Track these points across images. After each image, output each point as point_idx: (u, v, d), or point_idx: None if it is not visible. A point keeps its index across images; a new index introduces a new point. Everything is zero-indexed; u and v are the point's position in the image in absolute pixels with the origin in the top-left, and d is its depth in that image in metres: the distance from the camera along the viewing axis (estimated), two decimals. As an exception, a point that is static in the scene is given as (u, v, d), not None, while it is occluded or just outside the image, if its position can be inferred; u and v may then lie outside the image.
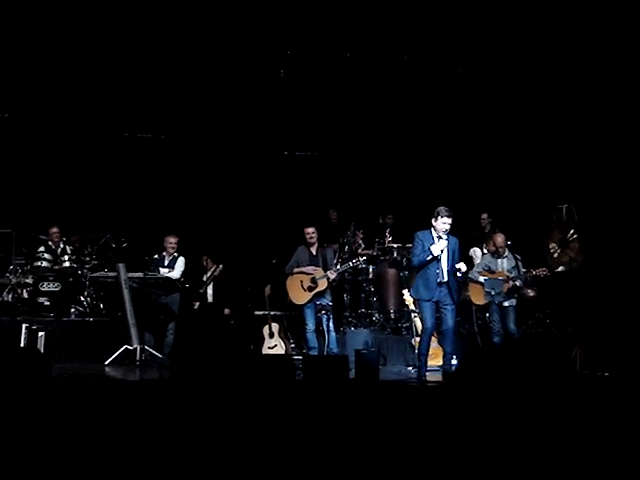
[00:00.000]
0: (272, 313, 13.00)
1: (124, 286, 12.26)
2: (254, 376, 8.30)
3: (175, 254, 12.98)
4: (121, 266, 12.40)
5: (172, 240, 12.97)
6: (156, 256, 12.99)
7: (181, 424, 6.70)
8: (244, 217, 15.29)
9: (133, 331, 12.13)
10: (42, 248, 13.72)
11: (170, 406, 7.14)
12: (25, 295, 13.31)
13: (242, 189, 15.48)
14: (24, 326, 12.01)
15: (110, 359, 11.97)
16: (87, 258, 13.67)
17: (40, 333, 11.99)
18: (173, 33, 13.72)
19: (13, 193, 14.86)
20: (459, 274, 10.88)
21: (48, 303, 13.10)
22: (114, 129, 15.48)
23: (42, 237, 13.82)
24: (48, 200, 14.96)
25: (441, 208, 10.63)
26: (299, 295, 12.14)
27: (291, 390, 8.02)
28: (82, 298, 13.47)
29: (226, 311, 13.56)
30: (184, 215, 14.91)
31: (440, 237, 10.58)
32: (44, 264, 13.51)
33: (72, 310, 13.33)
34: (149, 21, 13.51)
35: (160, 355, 12.21)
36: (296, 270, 12.19)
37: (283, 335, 12.90)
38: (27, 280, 13.37)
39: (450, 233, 10.65)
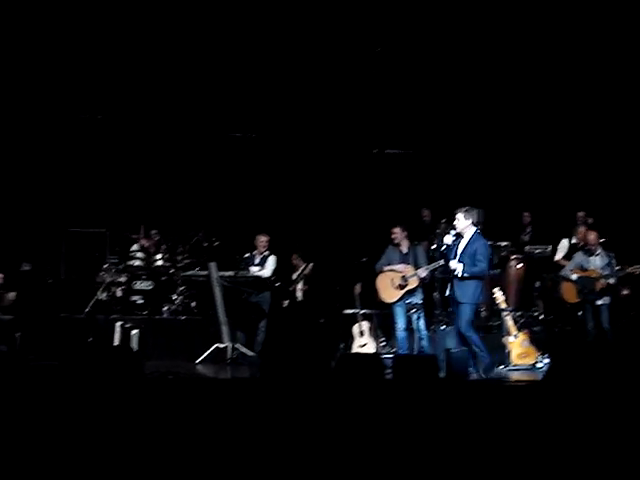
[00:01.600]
0: (362, 312, 12.94)
1: (215, 285, 12.36)
2: (344, 375, 8.28)
3: (266, 252, 13.02)
4: (212, 265, 12.50)
5: (263, 239, 13.01)
6: (247, 255, 13.05)
7: (271, 422, 6.72)
8: (335, 216, 15.28)
9: (224, 329, 12.22)
10: (135, 247, 13.93)
11: (260, 404, 7.17)
12: (119, 293, 13.49)
13: (333, 187, 15.47)
14: (118, 324, 12.24)
15: (201, 357, 12.07)
16: (179, 257, 13.79)
17: (133, 331, 12.20)
18: (260, 30, 13.78)
19: (107, 193, 15.12)
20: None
21: (141, 301, 13.29)
22: (205, 128, 15.61)
23: (135, 236, 14.03)
24: (141, 200, 15.17)
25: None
26: (389, 293, 12.08)
27: (381, 389, 7.99)
28: (174, 297, 13.59)
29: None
30: (275, 214, 14.97)
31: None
32: (137, 263, 13.72)
33: (164, 308, 13.48)
34: (237, 19, 13.60)
35: (251, 353, 12.26)
36: (386, 268, 12.13)
37: (373, 334, 12.84)
38: (121, 279, 13.55)
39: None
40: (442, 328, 13.25)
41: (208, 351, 12.13)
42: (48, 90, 14.78)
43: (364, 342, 12.66)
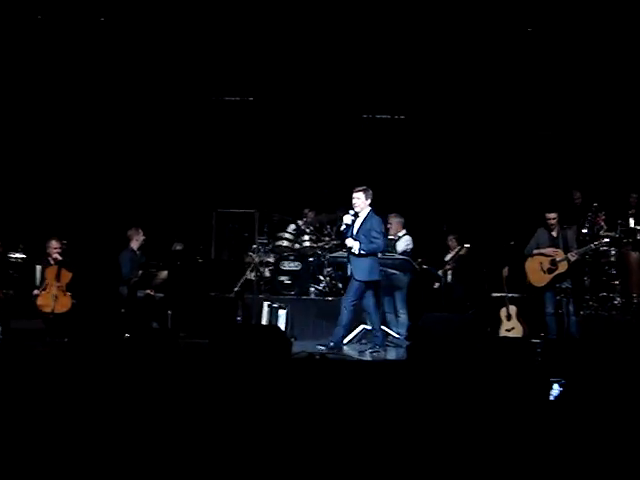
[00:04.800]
0: (510, 295, 12.77)
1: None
2: (491, 359, 8.21)
3: (400, 233, 13.03)
4: (358, 246, 12.53)
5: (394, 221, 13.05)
6: (400, 234, 13.05)
7: (417, 405, 6.70)
8: (486, 198, 15.16)
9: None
10: (292, 227, 14.13)
11: (407, 387, 7.16)
12: (267, 274, 13.68)
13: (489, 170, 15.34)
14: (266, 304, 12.42)
15: (348, 338, 12.13)
16: (326, 238, 13.88)
17: (281, 311, 12.36)
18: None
19: (257, 174, 15.33)
20: None
21: (289, 282, 13.45)
22: (348, 112, 15.68)
23: (287, 217, 14.20)
24: (290, 181, 15.34)
25: None
26: (538, 277, 11.91)
27: (529, 373, 7.89)
28: (321, 278, 13.71)
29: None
30: (427, 193, 14.99)
31: None
32: (285, 244, 13.87)
33: (311, 289, 13.60)
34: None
35: (397, 335, 12.27)
36: (536, 252, 11.96)
37: (521, 318, 12.67)
38: (269, 259, 13.74)
39: None
40: (592, 313, 12.97)
41: (354, 332, 12.17)
42: (199, 71, 15.06)
43: (511, 326, 12.49)
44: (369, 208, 11.28)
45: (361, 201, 11.23)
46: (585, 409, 6.64)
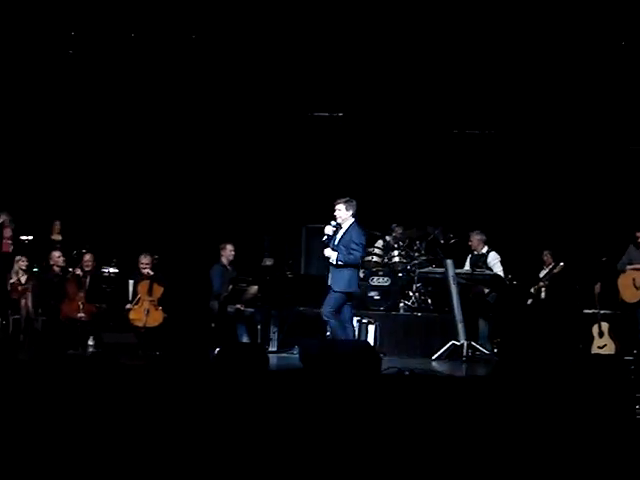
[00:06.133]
0: (602, 312, 12.60)
1: (452, 282, 12.35)
2: (583, 376, 8.10)
3: (483, 250, 12.94)
4: (449, 262, 12.50)
5: (475, 237, 12.98)
6: (483, 251, 12.97)
7: (505, 421, 6.65)
8: (577, 212, 14.98)
9: (460, 327, 12.19)
10: (380, 243, 14.13)
11: (495, 403, 7.11)
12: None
13: (582, 186, 15.16)
14: (355, 319, 12.42)
15: (437, 354, 12.10)
16: (416, 254, 13.85)
17: (370, 326, 12.38)
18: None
19: (345, 189, 15.35)
20: None
21: (378, 297, 13.43)
22: (442, 126, 15.63)
23: (376, 233, 14.20)
24: (378, 196, 15.33)
25: None
26: (631, 293, 11.77)
27: (622, 392, 7.77)
28: (410, 293, 13.68)
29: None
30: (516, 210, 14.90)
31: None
32: (375, 259, 13.88)
33: (401, 305, 13.58)
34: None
35: (486, 351, 12.18)
36: (629, 268, 11.80)
37: (613, 335, 12.48)
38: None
39: None
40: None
41: (444, 348, 12.14)
42: (290, 88, 15.20)
43: (603, 343, 12.32)
44: (352, 219, 11.24)
45: (342, 212, 11.21)
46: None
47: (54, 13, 13.66)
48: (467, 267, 12.96)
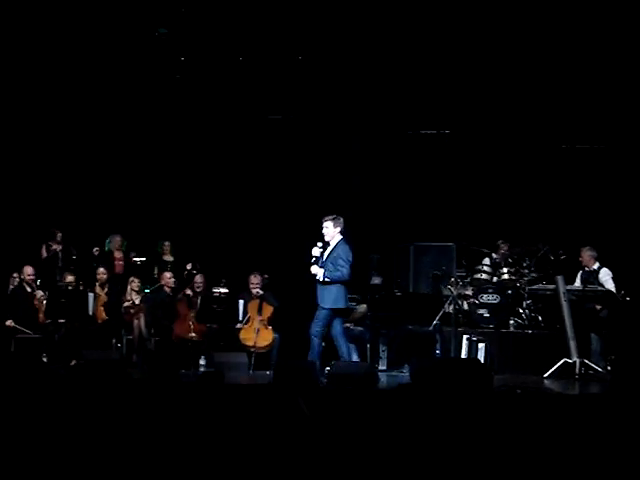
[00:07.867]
0: None
1: (563, 299, 12.20)
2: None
3: (595, 267, 12.77)
4: (560, 278, 12.36)
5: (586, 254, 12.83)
6: (595, 267, 12.79)
7: (618, 439, 6.54)
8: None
9: (572, 344, 12.03)
10: (487, 260, 14.04)
11: (608, 421, 7.01)
12: (465, 306, 13.61)
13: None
14: (465, 337, 12.39)
15: (549, 372, 11.96)
16: (526, 271, 13.72)
17: (480, 344, 12.30)
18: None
19: (453, 207, 15.32)
20: None
21: (487, 315, 13.33)
22: (551, 140, 15.49)
23: (484, 250, 14.12)
24: (486, 213, 15.25)
25: None
26: None
27: None
28: (521, 310, 13.56)
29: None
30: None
31: None
32: (484, 276, 13.78)
33: (511, 322, 13.45)
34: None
35: (600, 369, 11.99)
36: None
37: None
38: (467, 292, 13.68)
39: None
40: None
41: (556, 366, 11.99)
42: (396, 106, 15.26)
43: None
44: (340, 236, 11.43)
45: (330, 230, 11.40)
46: None
47: (57, 15, 13.85)
48: (578, 283, 12.83)
